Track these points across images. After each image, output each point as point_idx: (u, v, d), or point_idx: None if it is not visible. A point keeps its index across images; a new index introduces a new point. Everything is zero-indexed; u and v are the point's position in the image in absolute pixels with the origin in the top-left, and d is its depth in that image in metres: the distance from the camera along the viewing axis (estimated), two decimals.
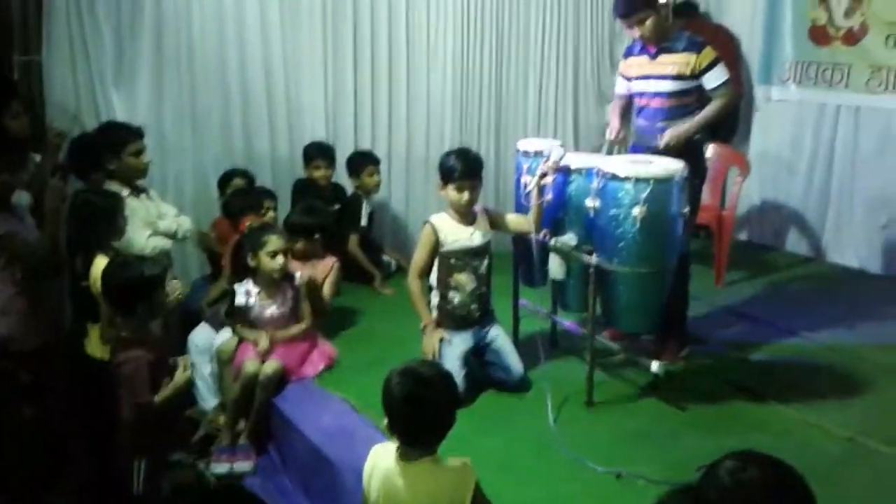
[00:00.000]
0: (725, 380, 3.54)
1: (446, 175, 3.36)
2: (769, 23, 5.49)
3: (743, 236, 5.80)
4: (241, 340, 3.46)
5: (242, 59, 4.51)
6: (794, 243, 5.55)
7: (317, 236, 3.97)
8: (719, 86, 3.49)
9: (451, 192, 3.36)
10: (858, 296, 4.68)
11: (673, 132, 3.47)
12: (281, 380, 3.36)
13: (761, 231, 5.75)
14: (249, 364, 3.31)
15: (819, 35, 5.24)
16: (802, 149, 5.40)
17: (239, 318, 3.49)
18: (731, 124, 5.38)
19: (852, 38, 5.05)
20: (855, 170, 5.12)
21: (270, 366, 3.32)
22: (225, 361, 3.45)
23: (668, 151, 3.44)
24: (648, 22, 3.47)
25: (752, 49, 5.62)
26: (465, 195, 3.34)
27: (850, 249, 5.20)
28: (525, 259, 3.58)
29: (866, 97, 5.00)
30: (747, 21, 5.64)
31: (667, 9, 3.53)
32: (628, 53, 3.78)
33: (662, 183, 3.09)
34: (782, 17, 5.41)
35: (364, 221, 4.72)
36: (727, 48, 5.39)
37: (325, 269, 3.95)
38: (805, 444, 3.01)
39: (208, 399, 3.60)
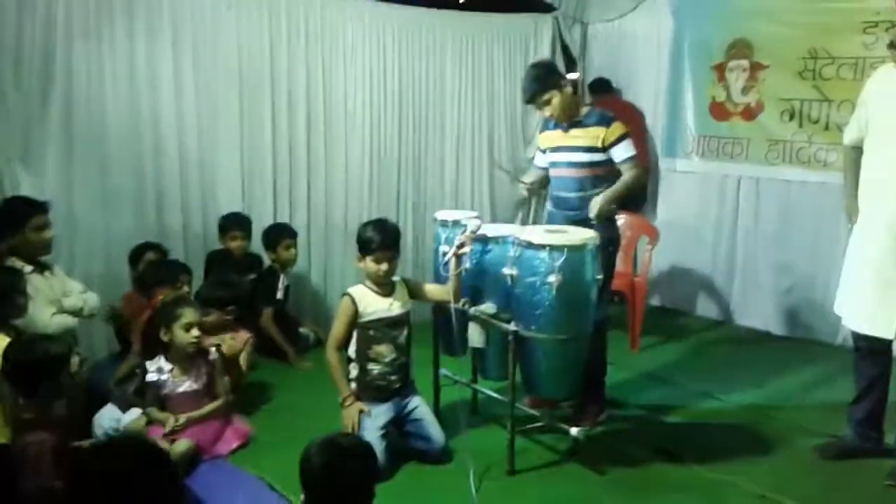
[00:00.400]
0: (643, 442, 3.59)
1: (364, 246, 3.37)
2: (672, 99, 5.78)
3: (655, 301, 5.96)
4: (149, 421, 3.32)
5: (156, 131, 4.45)
6: (705, 308, 5.74)
7: (230, 309, 3.89)
8: (627, 159, 3.65)
9: (369, 263, 3.36)
10: (767, 357, 4.84)
11: (598, 201, 3.57)
12: (193, 459, 3.24)
13: (672, 296, 5.93)
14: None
15: (719, 111, 5.54)
16: (708, 217, 5.65)
17: (150, 395, 3.36)
18: (639, 195, 5.60)
19: (749, 113, 5.36)
20: (758, 237, 5.37)
21: (181, 445, 3.20)
22: None
23: (587, 221, 3.56)
24: (554, 101, 3.64)
25: (657, 123, 5.89)
26: (384, 266, 3.35)
27: (757, 313, 5.40)
28: (445, 328, 3.59)
29: (765, 168, 5.29)
30: (652, 98, 5.93)
31: (573, 86, 3.69)
32: (544, 127, 3.92)
33: (576, 251, 3.17)
34: (684, 94, 5.71)
35: (280, 295, 4.66)
36: (636, 122, 5.68)
37: (239, 344, 3.88)
38: (721, 502, 3.08)
39: None
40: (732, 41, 5.40)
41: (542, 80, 3.66)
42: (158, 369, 3.37)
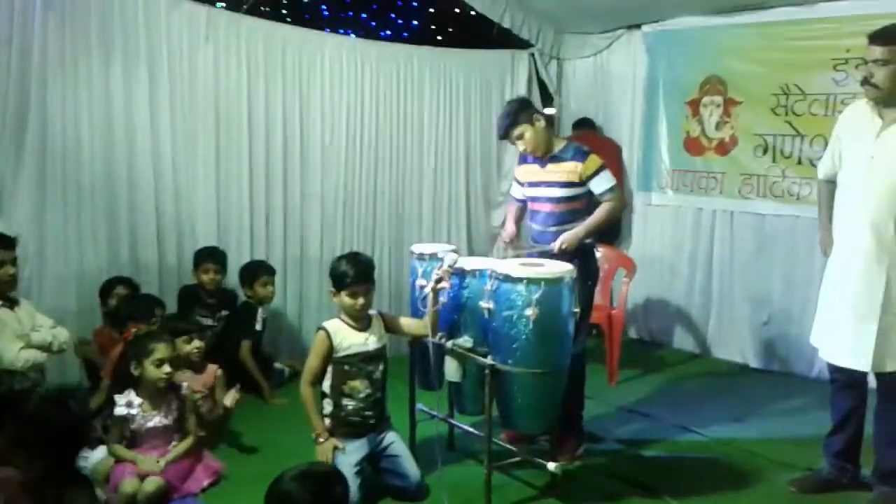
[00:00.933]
0: (621, 477, 3.57)
1: (339, 281, 3.34)
2: (647, 134, 5.85)
3: (633, 334, 5.97)
4: (117, 459, 3.25)
5: (131, 165, 4.40)
6: (681, 340, 5.76)
7: (196, 343, 3.81)
8: (606, 191, 3.67)
9: (344, 297, 3.33)
10: (743, 390, 4.85)
11: (567, 236, 3.60)
12: (162, 498, 3.16)
13: (649, 329, 5.94)
14: (127, 484, 3.10)
15: (693, 146, 5.61)
16: (683, 251, 5.69)
17: (117, 430, 3.29)
18: (613, 228, 5.64)
19: (723, 148, 5.43)
20: (734, 270, 5.41)
21: (151, 484, 3.12)
22: (100, 482, 3.22)
23: (563, 254, 3.57)
24: (527, 135, 3.68)
25: (632, 158, 5.95)
26: (360, 300, 3.32)
27: (734, 345, 5.42)
28: (421, 362, 3.56)
29: (739, 202, 5.35)
30: (627, 133, 6.00)
31: (548, 121, 3.74)
32: (522, 161, 3.93)
33: (553, 284, 3.16)
34: (659, 129, 5.78)
35: (259, 326, 4.61)
36: (614, 157, 5.74)
37: (208, 379, 3.82)
38: None
39: None
40: (706, 78, 5.49)
41: (514, 114, 3.70)
42: (128, 403, 3.30)
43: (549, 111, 6.33)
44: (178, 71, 4.53)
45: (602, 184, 3.67)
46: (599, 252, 5.06)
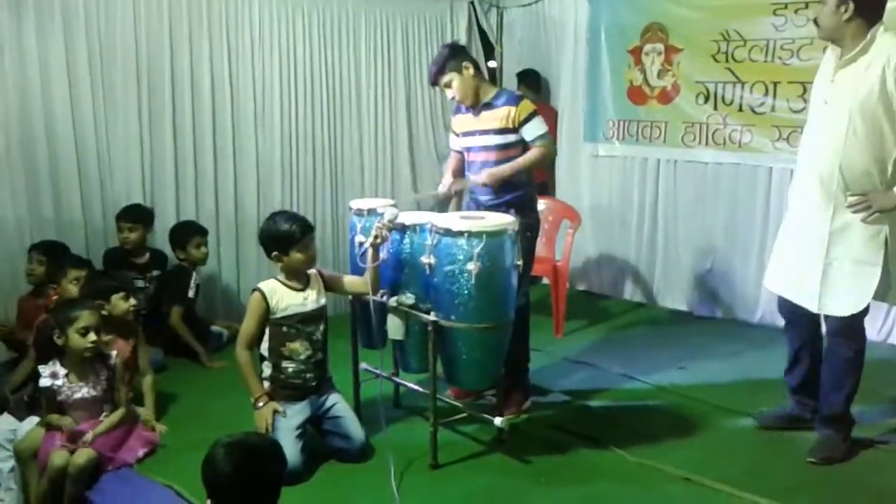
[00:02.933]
0: (568, 429, 3.55)
1: (286, 241, 3.20)
2: (591, 84, 5.76)
3: (583, 287, 5.96)
4: (46, 430, 3.09)
5: (49, 123, 4.17)
6: (628, 291, 5.77)
7: (132, 301, 3.59)
8: (537, 136, 3.60)
9: (295, 254, 3.21)
10: (688, 338, 4.87)
11: (491, 171, 3.55)
12: (94, 470, 3.03)
13: (599, 281, 5.94)
14: (57, 456, 2.96)
15: (636, 95, 5.55)
16: (630, 201, 5.66)
17: (45, 402, 3.13)
18: (546, 182, 5.69)
19: (666, 96, 5.38)
20: (678, 219, 5.41)
21: (82, 455, 2.98)
22: (27, 456, 3.08)
23: (501, 204, 3.52)
24: (454, 83, 3.59)
25: (576, 108, 5.87)
26: (311, 252, 3.25)
27: (679, 294, 5.45)
28: (363, 321, 3.48)
29: (683, 151, 5.32)
30: (570, 83, 5.91)
31: (476, 68, 3.64)
32: (456, 111, 3.85)
33: (495, 237, 3.09)
34: (602, 78, 5.70)
35: (191, 293, 4.45)
36: (552, 121, 5.64)
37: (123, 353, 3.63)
38: (645, 487, 3.07)
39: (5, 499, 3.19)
40: (647, 25, 5.41)
41: (441, 62, 3.62)
42: (53, 374, 3.12)
43: (491, 64, 6.21)
44: (95, 22, 4.29)
45: (534, 130, 3.59)
46: (543, 204, 5.06)
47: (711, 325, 5.14)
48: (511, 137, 3.61)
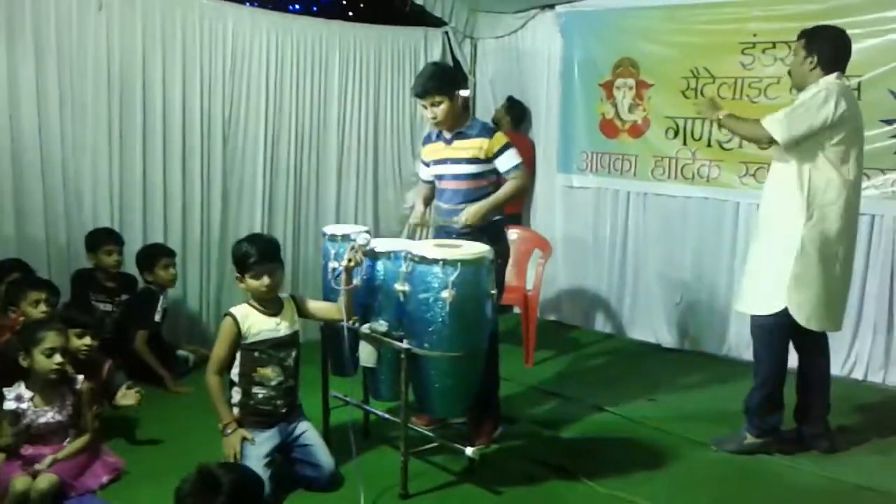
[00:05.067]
0: (538, 459, 3.54)
1: (241, 263, 3.18)
2: (564, 116, 5.82)
3: (552, 316, 5.98)
4: (8, 455, 3.00)
5: (15, 139, 4.10)
6: (598, 322, 5.80)
7: (86, 340, 3.45)
8: (511, 168, 3.61)
9: (249, 280, 3.18)
10: (657, 370, 4.90)
11: (471, 210, 3.54)
12: (57, 496, 2.94)
13: (569, 311, 5.94)
14: (19, 482, 2.88)
15: (608, 128, 5.62)
16: (600, 233, 5.70)
17: (7, 424, 3.04)
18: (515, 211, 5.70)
19: (637, 130, 5.47)
20: (647, 251, 5.47)
21: (44, 480, 2.90)
22: None
23: (472, 232, 3.51)
24: (443, 106, 3.56)
25: (550, 140, 5.92)
26: (265, 280, 3.17)
27: (648, 326, 5.49)
28: (335, 347, 3.45)
29: (652, 184, 5.40)
30: (543, 114, 5.96)
31: (463, 100, 3.65)
32: (427, 140, 3.86)
33: (470, 265, 3.09)
34: (575, 110, 5.76)
35: (158, 317, 4.37)
36: (529, 154, 5.69)
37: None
38: None
39: None
40: (618, 60, 5.51)
41: (439, 79, 3.59)
42: (17, 397, 3.05)
43: (464, 93, 6.25)
44: (67, 40, 4.23)
45: (508, 161, 3.61)
46: (515, 234, 5.09)
47: (679, 356, 5.18)
48: (483, 167, 3.62)
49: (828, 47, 3.43)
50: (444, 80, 3.60)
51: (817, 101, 3.34)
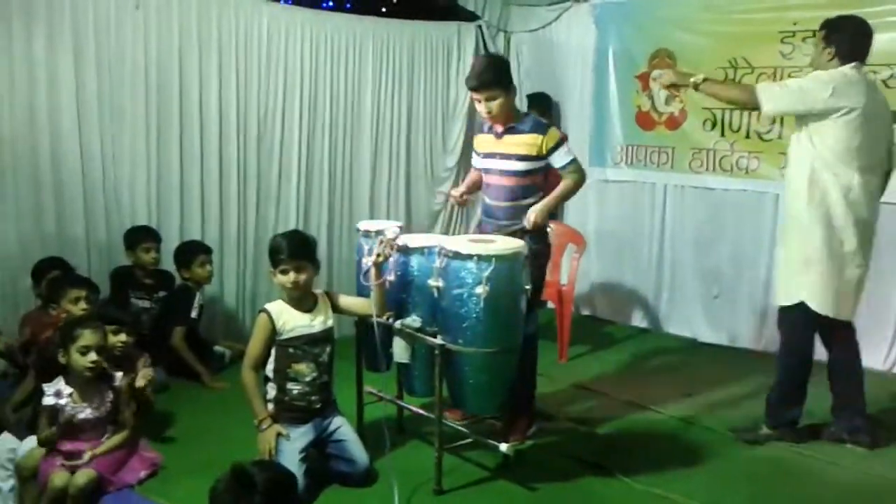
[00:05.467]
0: (573, 456, 3.51)
1: (273, 257, 3.21)
2: (598, 108, 5.77)
3: (588, 311, 5.93)
4: (48, 450, 3.06)
5: (56, 139, 4.16)
6: (634, 316, 5.74)
7: (122, 336, 3.48)
8: (568, 163, 3.54)
9: (278, 275, 3.20)
10: (694, 365, 4.84)
11: (537, 209, 3.46)
12: (95, 491, 2.98)
13: (604, 306, 5.90)
14: (57, 477, 2.92)
15: (644, 120, 5.56)
16: (636, 226, 5.65)
17: (47, 419, 3.09)
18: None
19: (674, 122, 5.39)
20: (685, 245, 5.40)
21: (82, 476, 2.94)
22: (27, 476, 3.04)
23: (517, 231, 3.47)
24: (498, 100, 3.47)
25: (584, 133, 5.87)
26: (291, 276, 3.17)
27: (684, 320, 5.42)
28: (368, 343, 3.44)
29: (690, 176, 5.32)
30: (578, 107, 5.91)
31: (516, 93, 3.60)
32: (479, 130, 3.80)
33: (505, 261, 3.07)
34: (610, 103, 5.70)
35: (195, 314, 4.41)
36: None
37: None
38: None
39: None
40: (655, 51, 5.44)
41: (495, 73, 3.49)
42: (56, 393, 3.09)
43: None
44: (105, 40, 4.29)
45: (563, 157, 3.54)
46: (549, 228, 5.04)
47: (716, 351, 5.11)
48: (534, 165, 3.54)
49: (846, 38, 3.46)
50: (499, 73, 3.50)
51: (815, 86, 3.42)
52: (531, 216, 3.46)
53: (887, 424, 3.79)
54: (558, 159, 3.54)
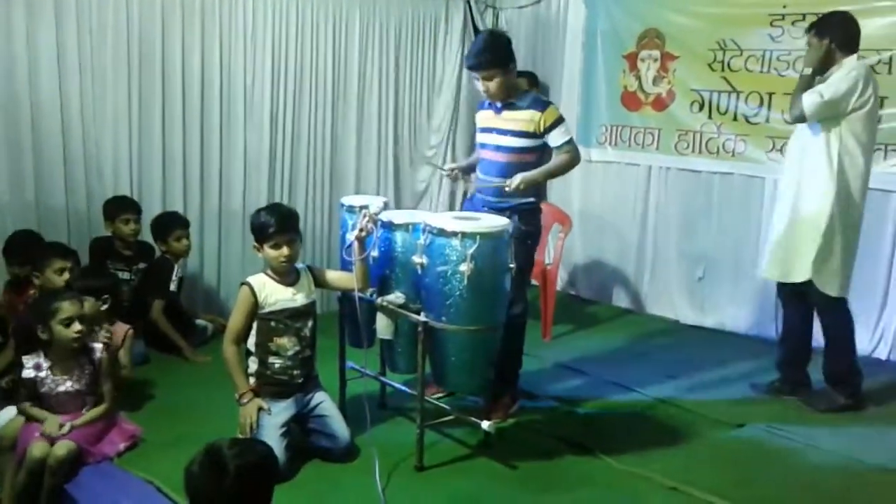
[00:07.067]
0: (555, 434, 3.52)
1: (260, 232, 3.16)
2: (585, 88, 5.75)
3: (571, 291, 5.94)
4: (26, 421, 3.03)
5: (35, 107, 4.10)
6: (617, 297, 5.75)
7: (105, 298, 3.53)
8: (564, 143, 3.54)
9: (267, 249, 3.16)
10: (677, 347, 4.86)
11: (525, 176, 3.44)
12: (74, 463, 2.96)
13: (588, 286, 5.91)
14: (36, 448, 2.89)
15: (630, 100, 5.54)
16: (620, 207, 5.65)
17: (25, 393, 3.06)
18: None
19: (660, 103, 5.38)
20: (669, 227, 5.40)
21: (62, 447, 2.91)
22: (6, 446, 3.01)
23: (507, 210, 3.47)
24: (497, 80, 3.47)
25: (571, 112, 5.84)
26: (284, 250, 3.15)
27: (667, 302, 5.44)
28: (351, 319, 3.42)
29: (675, 158, 5.32)
30: (565, 86, 5.88)
31: (516, 69, 3.59)
32: (480, 107, 3.78)
33: (489, 238, 3.05)
34: (597, 83, 5.68)
35: (173, 287, 4.37)
36: None
37: (117, 338, 3.57)
38: (632, 495, 3.04)
39: None
40: (643, 31, 5.41)
41: (494, 52, 3.47)
42: (36, 366, 3.06)
43: None
44: (86, 5, 4.20)
45: (561, 136, 3.53)
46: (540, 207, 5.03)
47: (699, 333, 5.13)
48: (531, 142, 3.53)
49: (839, 30, 3.61)
50: (498, 52, 3.48)
51: (849, 82, 3.53)
52: (516, 178, 3.43)
53: (872, 408, 3.85)
54: (555, 138, 3.52)
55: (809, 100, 3.58)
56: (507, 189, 3.44)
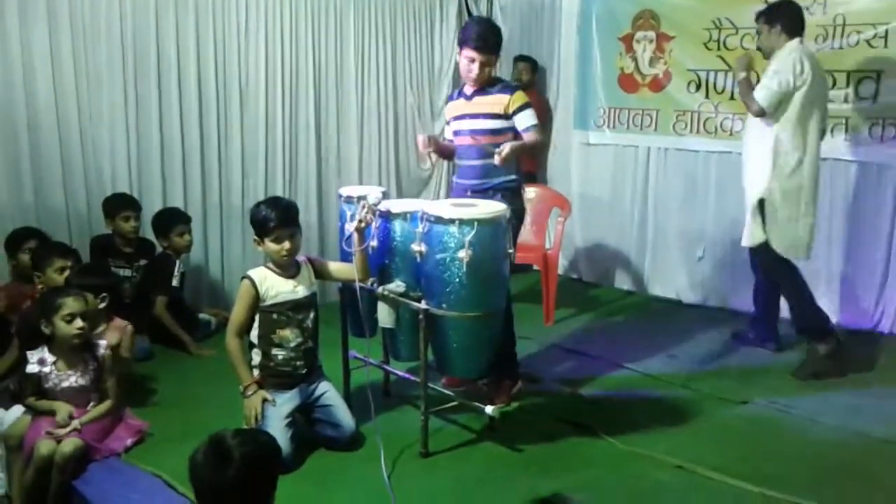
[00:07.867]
0: (559, 417, 3.54)
1: (261, 227, 3.18)
2: (581, 71, 5.74)
3: (573, 274, 5.95)
4: (33, 418, 3.05)
5: (31, 107, 4.11)
6: (619, 279, 5.76)
7: (103, 296, 3.51)
8: (530, 126, 3.58)
9: (269, 244, 3.17)
10: (678, 326, 4.86)
11: (511, 144, 3.44)
12: (81, 459, 2.98)
13: (589, 269, 5.92)
14: (43, 445, 2.91)
15: (627, 82, 5.53)
16: (620, 189, 5.65)
17: (31, 389, 3.09)
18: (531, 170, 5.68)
19: (657, 84, 5.36)
20: (669, 207, 5.40)
21: (69, 444, 2.93)
22: (14, 445, 3.03)
23: (488, 191, 3.52)
24: (486, 67, 3.53)
25: (568, 96, 5.84)
26: (286, 245, 3.17)
27: (669, 282, 5.44)
28: (352, 309, 3.44)
29: (674, 139, 5.31)
30: (561, 70, 5.88)
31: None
32: (449, 99, 3.86)
33: (487, 224, 3.06)
34: (593, 65, 5.67)
35: (176, 282, 4.39)
36: (544, 117, 5.58)
37: (117, 333, 3.58)
38: (638, 475, 3.05)
39: None
40: (638, 12, 5.40)
41: (497, 37, 3.58)
42: (40, 361, 3.08)
43: None
44: (79, 4, 4.20)
45: (526, 120, 3.57)
46: (533, 192, 5.05)
47: (701, 313, 5.14)
48: (501, 123, 3.58)
49: (787, 17, 3.92)
50: (498, 39, 3.58)
51: (788, 66, 3.80)
52: (506, 147, 3.41)
53: (872, 383, 3.86)
54: (521, 121, 3.57)
55: (762, 94, 3.85)
56: (498, 156, 3.42)
